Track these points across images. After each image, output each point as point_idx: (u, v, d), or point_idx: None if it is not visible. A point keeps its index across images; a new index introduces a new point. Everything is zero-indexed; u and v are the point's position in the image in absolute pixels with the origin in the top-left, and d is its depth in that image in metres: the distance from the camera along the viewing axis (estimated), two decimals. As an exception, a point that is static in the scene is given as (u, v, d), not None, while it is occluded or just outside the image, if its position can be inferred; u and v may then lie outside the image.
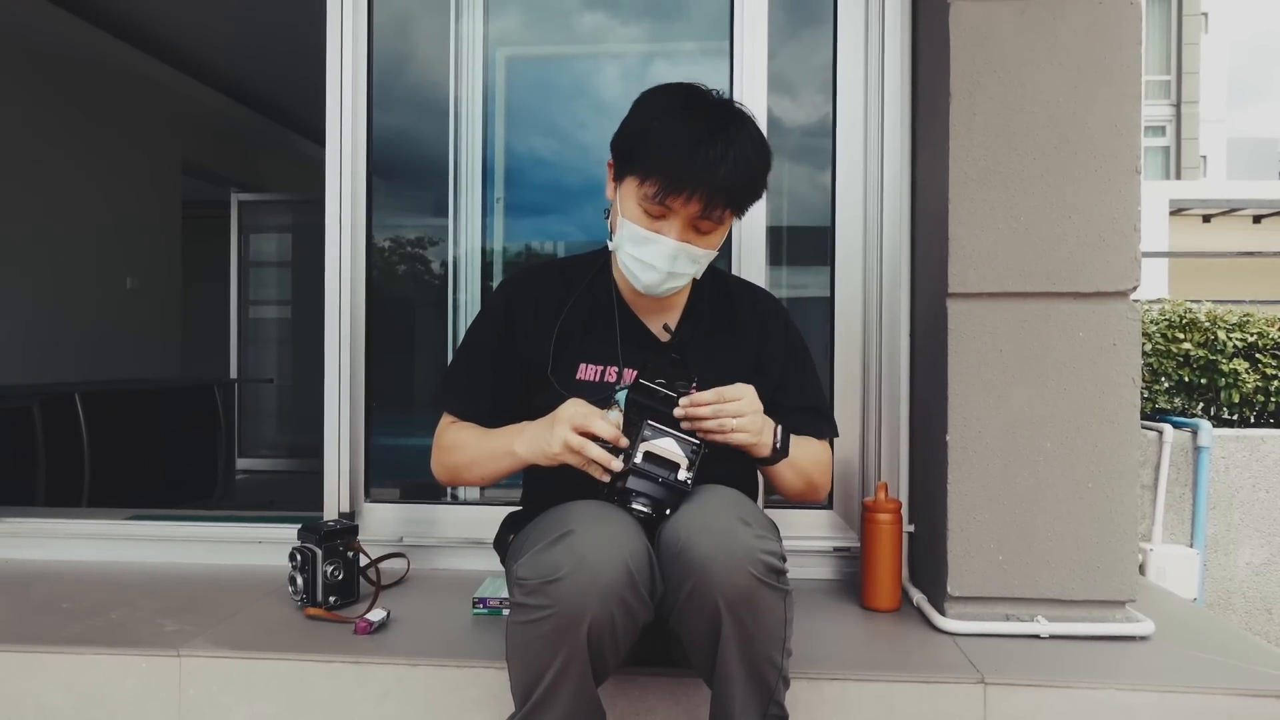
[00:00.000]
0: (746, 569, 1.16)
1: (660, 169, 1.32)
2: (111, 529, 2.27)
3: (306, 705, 1.53)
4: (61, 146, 4.67)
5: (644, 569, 1.18)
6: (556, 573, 1.14)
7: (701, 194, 1.32)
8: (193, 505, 4.09)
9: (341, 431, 2.16)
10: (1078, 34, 1.67)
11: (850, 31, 2.06)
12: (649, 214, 1.37)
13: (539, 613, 1.15)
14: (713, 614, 1.18)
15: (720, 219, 1.38)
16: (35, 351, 4.41)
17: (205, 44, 5.12)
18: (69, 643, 1.62)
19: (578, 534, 1.16)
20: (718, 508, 1.21)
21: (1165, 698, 1.44)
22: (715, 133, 1.31)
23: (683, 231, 1.37)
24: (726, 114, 1.36)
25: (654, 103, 1.40)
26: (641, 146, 1.35)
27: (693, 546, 1.17)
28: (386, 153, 2.30)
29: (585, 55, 2.47)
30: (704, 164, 1.30)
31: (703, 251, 1.41)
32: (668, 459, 1.24)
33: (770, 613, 1.20)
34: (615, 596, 1.14)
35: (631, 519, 1.23)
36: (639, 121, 1.39)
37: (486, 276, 2.45)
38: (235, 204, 5.91)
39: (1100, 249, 1.67)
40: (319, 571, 1.77)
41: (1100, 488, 1.67)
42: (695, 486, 1.25)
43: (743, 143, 1.33)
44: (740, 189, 1.35)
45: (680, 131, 1.31)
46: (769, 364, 1.55)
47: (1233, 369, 3.08)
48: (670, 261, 1.39)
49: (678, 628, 1.24)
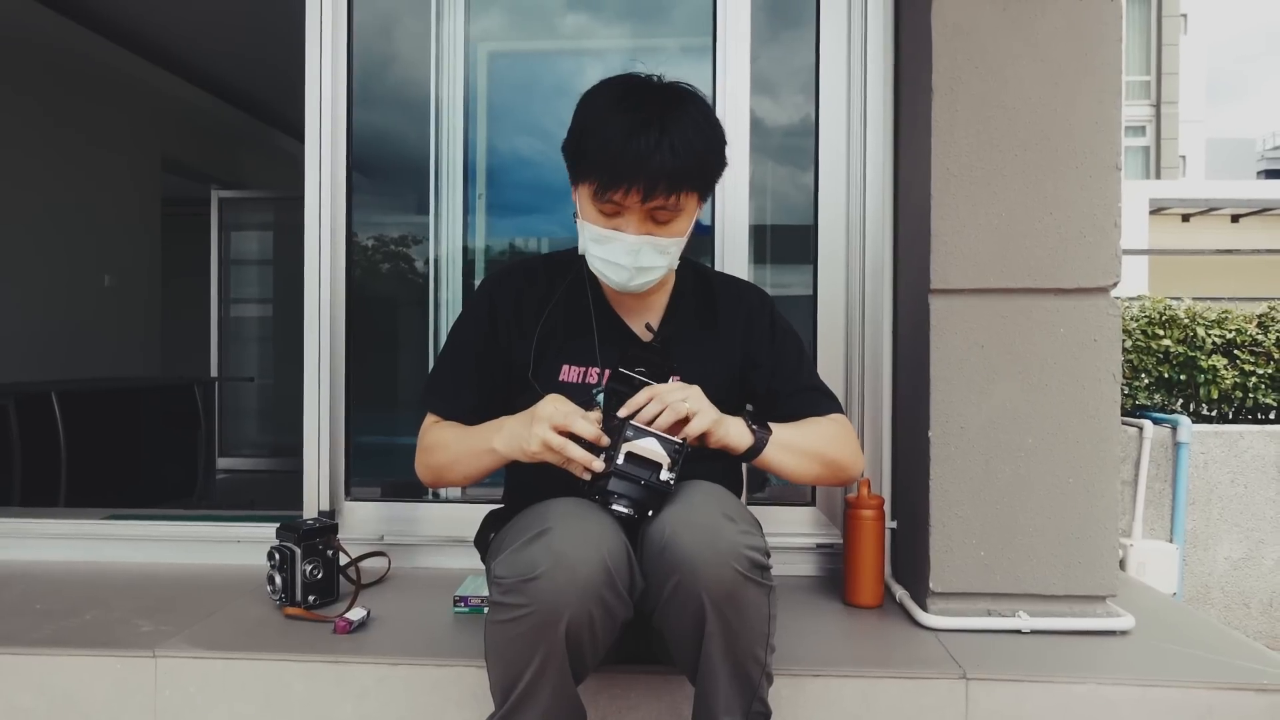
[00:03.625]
0: (731, 565, 1.15)
1: (597, 167, 1.33)
2: (88, 529, 2.24)
3: (285, 705, 1.52)
4: (38, 142, 4.62)
5: (622, 567, 1.17)
6: (534, 571, 1.13)
7: (640, 185, 1.31)
8: (173, 505, 4.06)
9: (321, 429, 2.14)
10: (1059, 31, 1.68)
11: (833, 29, 2.06)
12: (603, 213, 1.37)
13: (517, 611, 1.14)
14: (697, 610, 1.17)
15: (675, 205, 1.36)
16: (11, 350, 4.35)
17: (185, 40, 5.08)
18: (42, 644, 1.59)
19: (555, 532, 1.15)
20: (702, 503, 1.21)
21: (1146, 691, 1.45)
22: (648, 122, 1.30)
23: (640, 224, 1.36)
24: (664, 100, 1.35)
25: (590, 101, 1.39)
26: (580, 148, 1.36)
27: (677, 542, 1.16)
28: (367, 150, 2.28)
29: (568, 51, 2.46)
30: (637, 155, 1.29)
31: (668, 240, 1.39)
32: (650, 459, 1.23)
33: (754, 609, 1.19)
34: (594, 595, 1.13)
35: (610, 517, 1.22)
36: (578, 122, 1.39)
37: (468, 274, 2.44)
38: (216, 201, 5.86)
39: (1081, 245, 1.68)
40: (298, 570, 1.75)
41: (1081, 483, 1.68)
42: (679, 483, 1.24)
43: (681, 126, 1.32)
44: (683, 172, 1.33)
45: (613, 127, 1.31)
46: (759, 357, 1.54)
47: (1212, 365, 3.10)
48: (634, 256, 1.38)
49: (661, 624, 1.23)
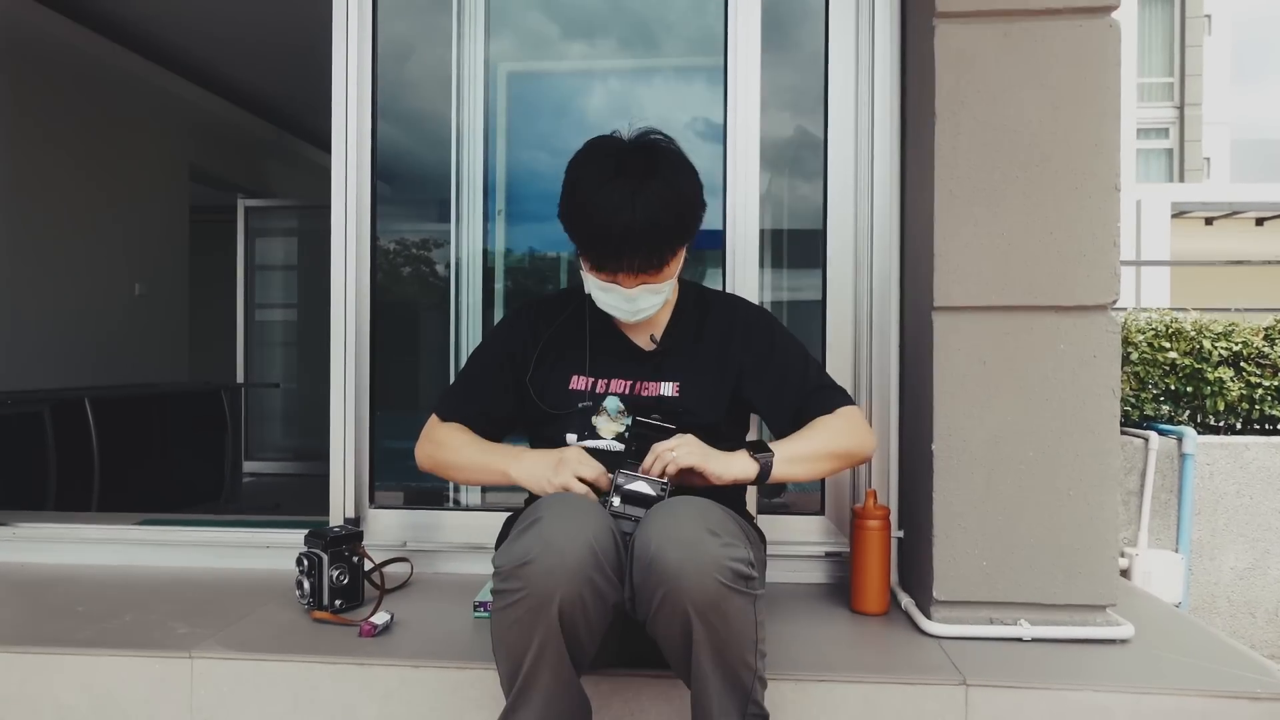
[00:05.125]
0: (714, 576, 1.22)
1: (586, 249, 1.50)
2: (123, 534, 2.33)
3: (313, 705, 1.59)
4: (71, 154, 4.73)
5: (609, 550, 1.27)
6: (526, 557, 1.23)
7: (626, 262, 1.46)
8: (200, 508, 4.14)
9: (347, 438, 2.21)
10: (1059, 56, 1.72)
11: (841, 53, 2.12)
12: (600, 276, 1.51)
13: (513, 596, 1.24)
14: (684, 620, 1.24)
15: (660, 263, 1.48)
16: (46, 357, 4.46)
17: (213, 54, 5.18)
18: (85, 645, 1.68)
19: (545, 520, 1.26)
20: (687, 518, 1.28)
21: (1141, 699, 1.49)
22: (622, 203, 1.41)
23: (634, 281, 1.50)
24: (638, 169, 1.44)
25: (572, 175, 1.51)
26: (570, 227, 1.50)
27: (662, 557, 1.23)
28: (391, 163, 2.36)
29: (583, 71, 2.52)
30: (621, 240, 1.43)
31: (661, 284, 1.52)
32: (642, 495, 1.37)
33: (740, 617, 1.26)
34: (582, 576, 1.22)
35: (599, 507, 1.33)
36: (565, 197, 1.51)
37: (488, 282, 2.49)
38: (241, 209, 5.96)
39: (1081, 264, 1.72)
40: (325, 576, 1.82)
41: (1081, 495, 1.72)
42: (661, 504, 1.35)
43: (650, 195, 1.42)
44: (663, 239, 1.46)
45: (592, 209, 1.44)
46: (761, 370, 1.63)
47: (1218, 377, 3.13)
48: (632, 302, 1.52)
49: (653, 633, 1.31)
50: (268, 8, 4.30)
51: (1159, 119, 19.15)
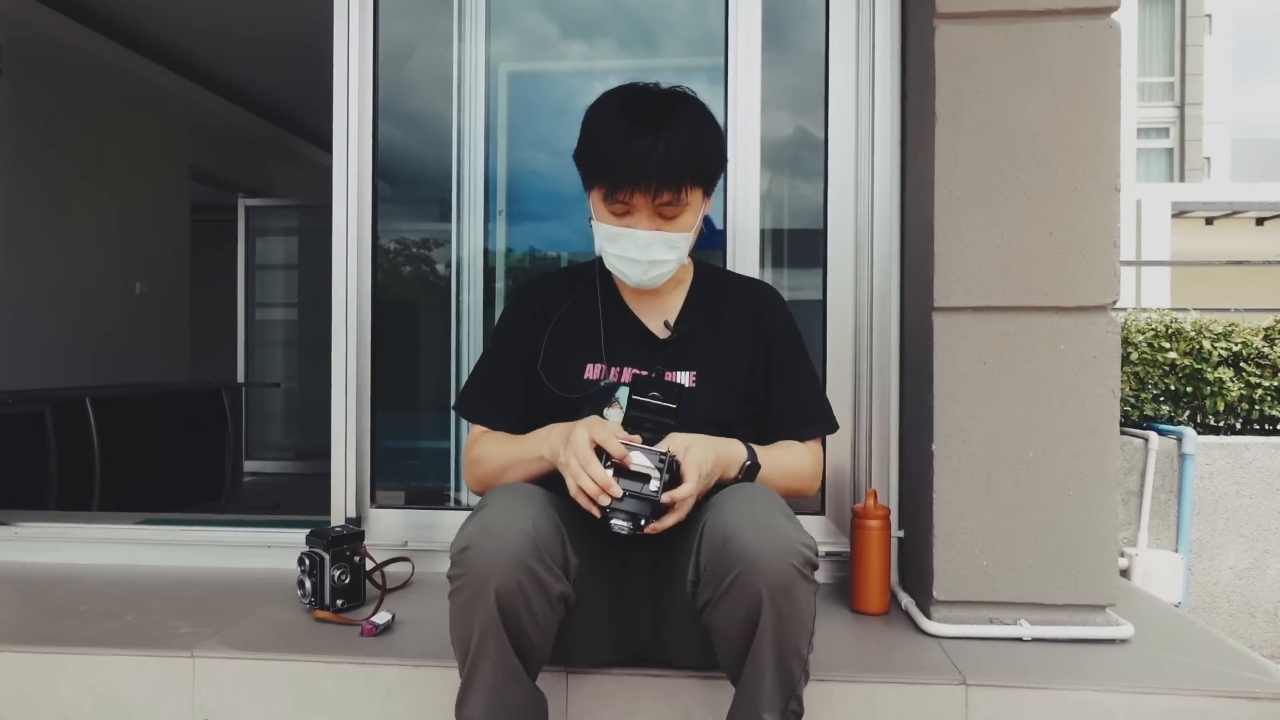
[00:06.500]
0: (789, 559, 1.22)
1: (604, 173, 1.46)
2: (124, 533, 2.33)
3: (315, 704, 1.60)
4: (72, 154, 4.73)
5: (550, 540, 1.26)
6: (467, 543, 1.24)
7: (644, 183, 1.43)
8: (200, 508, 4.15)
9: (348, 437, 2.22)
10: (1059, 57, 1.73)
11: (841, 54, 2.12)
12: (614, 213, 1.49)
13: (457, 582, 1.25)
14: (753, 602, 1.23)
15: (678, 200, 1.47)
16: (47, 357, 4.47)
17: (214, 54, 5.18)
18: (87, 644, 1.68)
19: (488, 508, 1.27)
20: (761, 502, 1.28)
21: (1140, 699, 1.49)
22: (645, 128, 1.42)
23: (650, 220, 1.48)
24: (660, 105, 1.47)
25: (594, 113, 1.52)
26: (588, 156, 1.49)
27: (740, 536, 1.23)
28: (392, 163, 2.36)
29: (584, 71, 2.52)
30: (636, 159, 1.41)
31: (677, 235, 1.50)
32: (638, 472, 1.33)
33: (804, 604, 1.26)
34: (520, 564, 1.22)
35: (545, 495, 1.32)
36: (585, 132, 1.52)
37: (489, 280, 2.50)
38: (242, 209, 5.97)
39: (1081, 265, 1.72)
40: (326, 575, 1.83)
41: (1081, 496, 1.72)
42: (731, 488, 1.34)
43: (676, 127, 1.43)
44: (682, 169, 1.44)
45: (615, 134, 1.44)
46: (770, 354, 1.62)
47: (1218, 378, 3.13)
48: (645, 250, 1.49)
49: (713, 618, 1.29)
50: (269, 7, 4.31)
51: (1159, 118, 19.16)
